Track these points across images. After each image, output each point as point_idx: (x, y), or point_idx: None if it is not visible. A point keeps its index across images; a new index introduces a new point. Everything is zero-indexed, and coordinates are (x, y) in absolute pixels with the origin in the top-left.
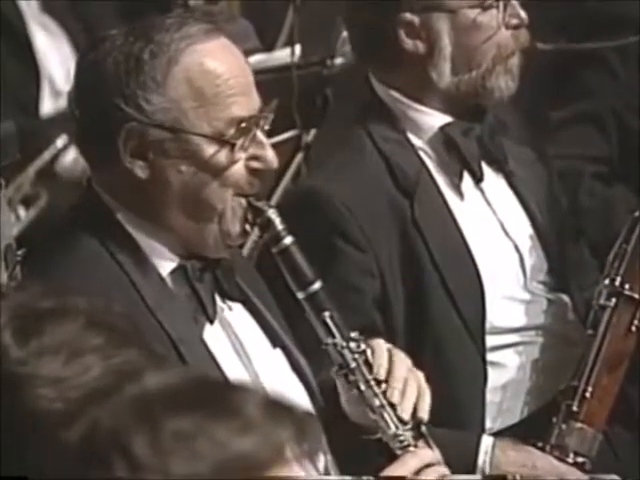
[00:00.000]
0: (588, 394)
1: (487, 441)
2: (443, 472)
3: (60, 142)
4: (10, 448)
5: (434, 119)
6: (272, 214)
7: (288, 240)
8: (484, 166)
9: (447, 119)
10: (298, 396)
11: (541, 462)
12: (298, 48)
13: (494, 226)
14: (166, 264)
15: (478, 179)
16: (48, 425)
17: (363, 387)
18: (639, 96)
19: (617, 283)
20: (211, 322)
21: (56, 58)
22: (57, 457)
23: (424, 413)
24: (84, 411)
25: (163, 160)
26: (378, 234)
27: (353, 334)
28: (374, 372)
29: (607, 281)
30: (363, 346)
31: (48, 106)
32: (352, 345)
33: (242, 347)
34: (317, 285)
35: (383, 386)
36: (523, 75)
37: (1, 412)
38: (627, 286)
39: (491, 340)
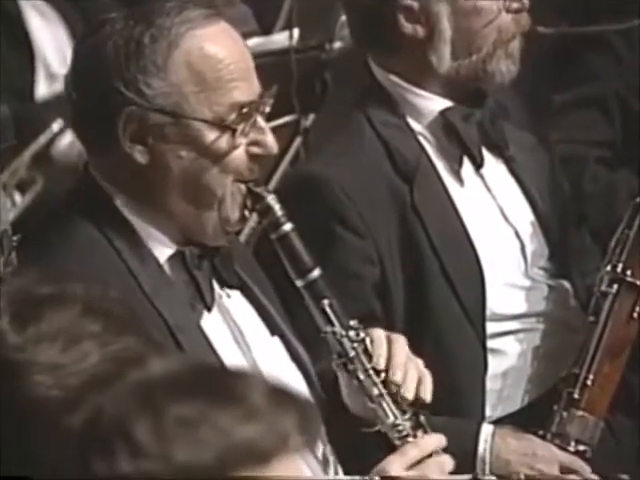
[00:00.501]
0: (589, 382)
1: (487, 429)
2: (444, 461)
3: (56, 126)
4: (9, 435)
5: (434, 103)
6: (271, 200)
7: (287, 227)
8: (484, 152)
9: (447, 103)
10: (296, 385)
11: (542, 450)
12: (296, 32)
13: (494, 212)
14: (164, 250)
15: (478, 165)
16: (47, 412)
17: (362, 376)
18: None
19: (619, 269)
20: (209, 309)
21: (51, 41)
22: (58, 444)
23: (427, 395)
24: (85, 398)
25: (163, 145)
26: (377, 220)
27: (352, 322)
28: (373, 361)
29: (609, 267)
30: (362, 335)
31: (43, 90)
32: (351, 334)
33: (241, 334)
34: (316, 273)
35: (382, 375)
36: (525, 59)
37: None
38: (629, 272)
39: (491, 327)
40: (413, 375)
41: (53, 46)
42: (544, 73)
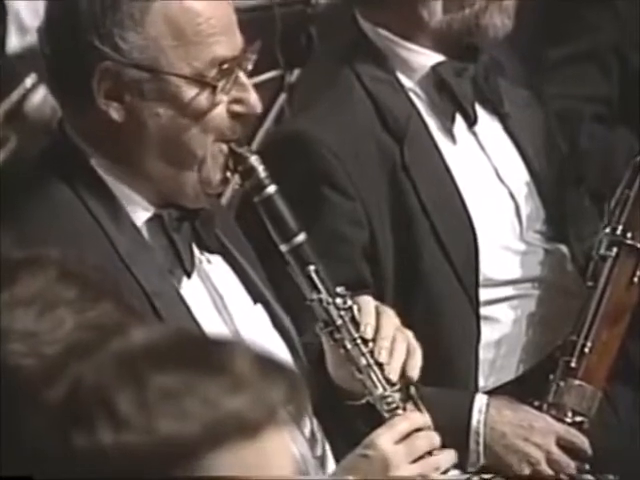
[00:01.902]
0: (587, 349)
1: (481, 400)
2: (433, 437)
3: (29, 81)
4: None
5: (425, 58)
6: (255, 161)
7: (271, 189)
8: (478, 108)
9: (439, 58)
10: (280, 354)
11: (538, 422)
12: None
13: (488, 172)
14: (141, 213)
15: (471, 122)
16: (22, 382)
17: (349, 345)
18: None
19: (618, 232)
20: (188, 275)
21: None
22: (36, 415)
23: (414, 371)
24: (64, 368)
25: (140, 102)
26: (366, 180)
27: (339, 289)
28: (361, 330)
29: (608, 230)
30: (349, 302)
31: (15, 43)
32: (338, 301)
33: (222, 302)
34: (301, 237)
35: (370, 345)
36: (520, 13)
37: None
38: (629, 235)
39: (485, 293)
40: (400, 352)
41: None
42: (539, 27)
